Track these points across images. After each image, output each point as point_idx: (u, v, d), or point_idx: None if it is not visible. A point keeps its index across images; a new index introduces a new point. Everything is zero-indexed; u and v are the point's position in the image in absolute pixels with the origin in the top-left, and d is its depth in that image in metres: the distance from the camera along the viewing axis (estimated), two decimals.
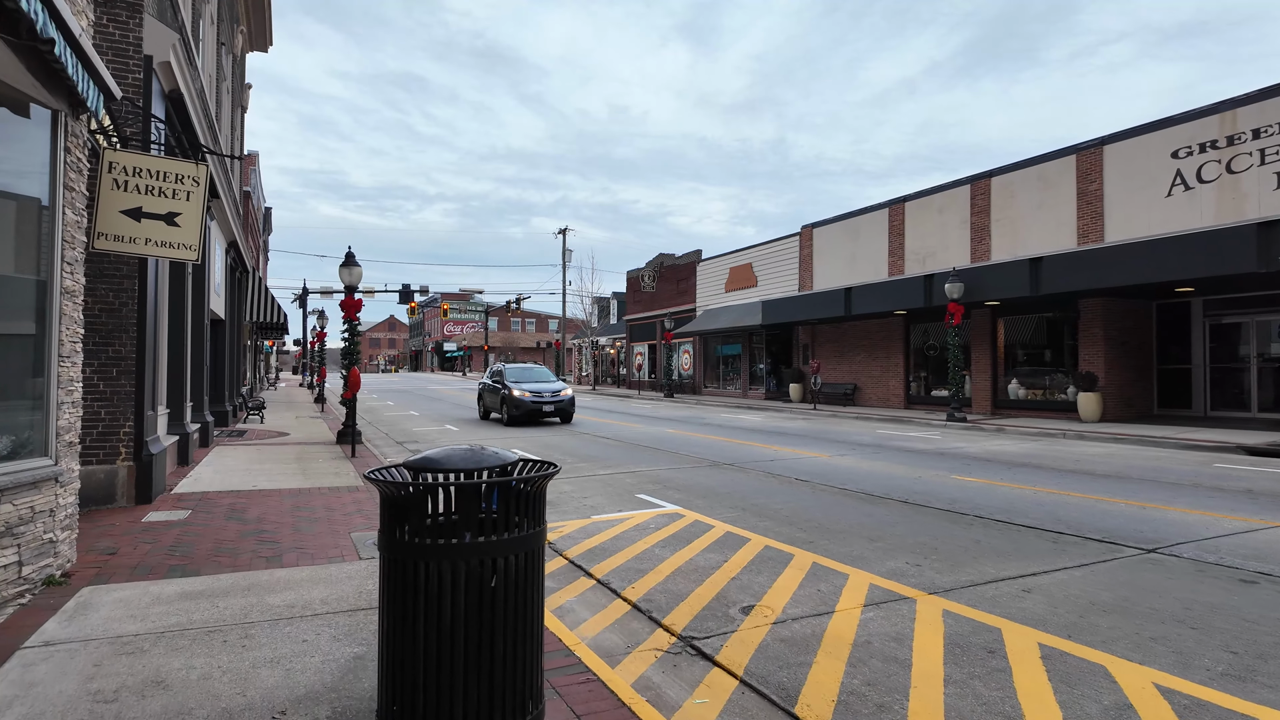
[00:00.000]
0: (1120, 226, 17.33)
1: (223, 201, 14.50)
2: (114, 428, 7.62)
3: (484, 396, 21.30)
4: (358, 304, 14.86)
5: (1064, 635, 4.18)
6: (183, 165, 6.92)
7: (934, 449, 13.33)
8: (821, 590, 5.05)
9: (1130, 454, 12.54)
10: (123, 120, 7.40)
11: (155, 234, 6.83)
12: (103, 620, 4.22)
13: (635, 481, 9.87)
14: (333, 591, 4.80)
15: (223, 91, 16.14)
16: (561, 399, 18.85)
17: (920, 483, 9.53)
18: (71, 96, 5.08)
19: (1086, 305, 18.20)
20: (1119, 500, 8.24)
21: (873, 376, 24.83)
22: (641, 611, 4.70)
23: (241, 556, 5.73)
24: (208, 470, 10.17)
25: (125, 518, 7.09)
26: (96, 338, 7.55)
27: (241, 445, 13.27)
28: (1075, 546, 6.18)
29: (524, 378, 20.26)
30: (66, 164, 5.12)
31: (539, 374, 21.21)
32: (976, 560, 5.79)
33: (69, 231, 5.17)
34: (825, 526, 7.06)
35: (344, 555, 5.77)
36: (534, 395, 18.55)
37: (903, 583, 5.22)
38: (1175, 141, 16.27)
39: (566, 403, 18.99)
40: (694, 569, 5.62)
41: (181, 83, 8.70)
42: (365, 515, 7.32)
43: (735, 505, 8.16)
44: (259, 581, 5.03)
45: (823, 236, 27.28)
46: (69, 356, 5.21)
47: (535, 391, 18.73)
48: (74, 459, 5.35)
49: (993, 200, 20.64)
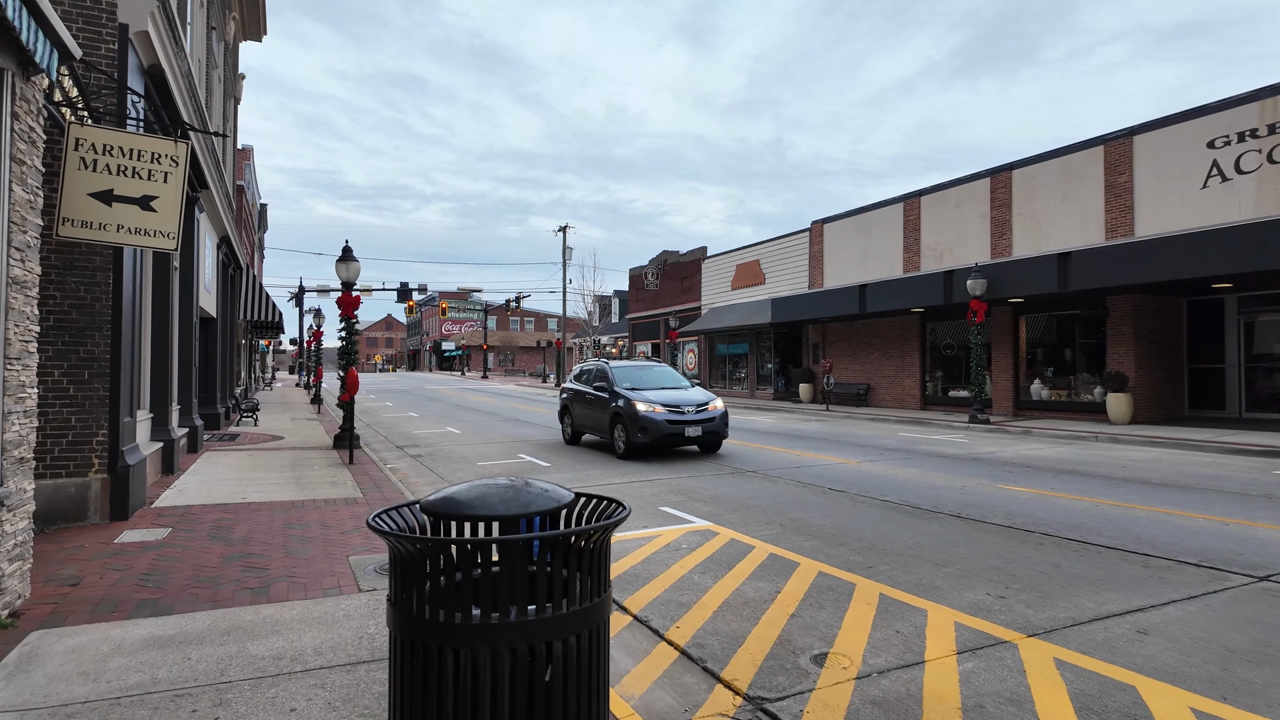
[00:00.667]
0: (1151, 220, 16.61)
1: (213, 193, 13.74)
2: (85, 436, 6.86)
3: (573, 409, 14.44)
4: (355, 301, 14.09)
5: (1216, 696, 3.45)
6: (160, 142, 6.17)
7: (965, 454, 12.60)
8: (901, 632, 4.31)
9: (1176, 459, 11.82)
10: (93, 94, 6.64)
11: (128, 220, 6.08)
12: (46, 680, 3.47)
13: (655, 491, 9.14)
14: (328, 637, 4.06)
15: (213, 79, 15.37)
16: (711, 416, 12.28)
17: (966, 493, 8.80)
18: (21, 54, 4.33)
19: (1116, 302, 17.48)
20: (1193, 514, 7.52)
21: (886, 376, 24.11)
22: (693, 660, 3.96)
23: (224, 587, 4.99)
24: (194, 480, 9.42)
25: (96, 538, 6.34)
26: (66, 336, 6.80)
27: (233, 450, 12.51)
28: (1171, 572, 5.45)
29: (643, 381, 13.45)
30: (15, 132, 4.37)
31: (662, 375, 14.04)
32: (1066, 590, 5.05)
33: (18, 212, 4.42)
34: (878, 547, 6.32)
35: (341, 586, 5.02)
36: (671, 410, 12.05)
37: (992, 620, 4.49)
38: (1211, 131, 15.55)
39: (718, 422, 12.33)
40: (743, 602, 4.89)
41: (163, 58, 7.94)
42: (364, 534, 6.58)
43: (771, 520, 7.43)
44: (241, 623, 4.29)
45: (833, 232, 26.54)
46: (18, 358, 4.46)
47: (672, 405, 12.17)
48: (27, 477, 4.60)
49: (1014, 193, 19.92)
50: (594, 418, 13.47)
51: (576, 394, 14.42)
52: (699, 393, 13.19)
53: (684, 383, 13.96)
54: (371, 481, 9.45)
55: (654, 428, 11.85)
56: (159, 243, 6.21)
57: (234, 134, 21.32)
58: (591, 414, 13.57)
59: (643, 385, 13.17)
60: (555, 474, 10.69)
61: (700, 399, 12.69)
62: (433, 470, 11.23)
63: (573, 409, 14.46)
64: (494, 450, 13.61)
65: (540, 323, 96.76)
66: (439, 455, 12.98)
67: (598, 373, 14.04)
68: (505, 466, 11.49)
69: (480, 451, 13.45)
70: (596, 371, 14.14)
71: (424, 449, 13.94)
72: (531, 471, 10.91)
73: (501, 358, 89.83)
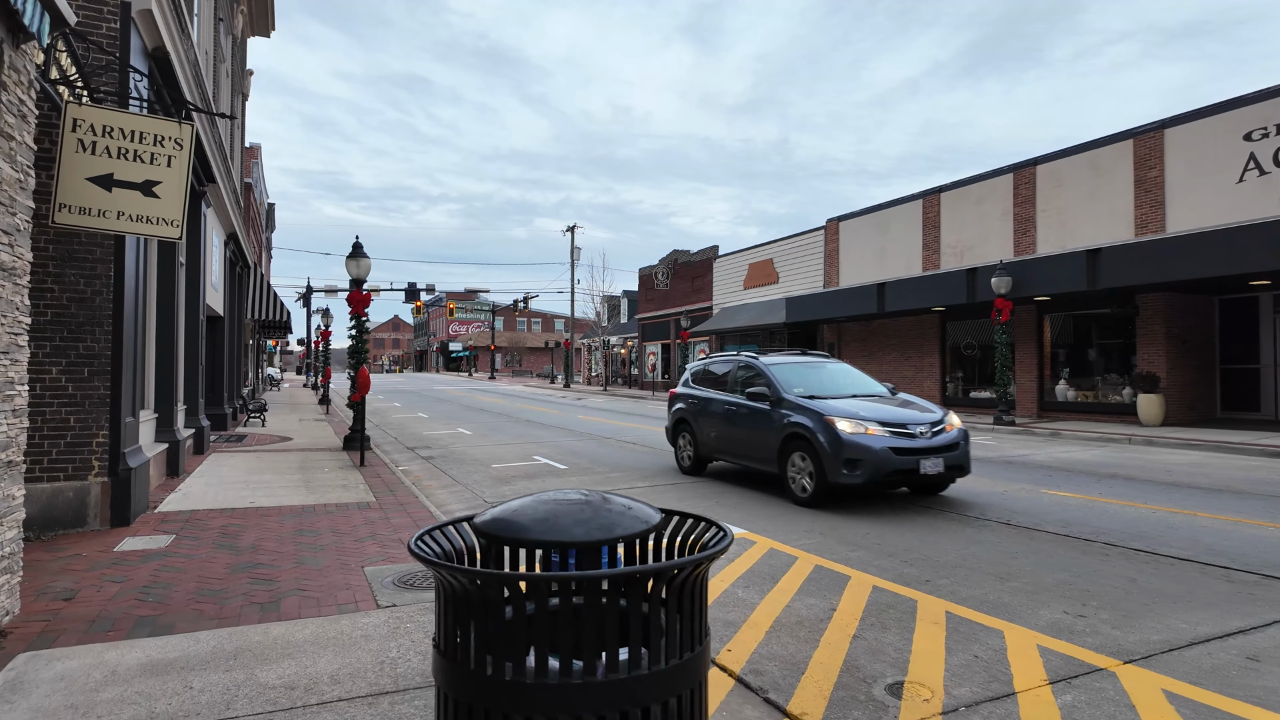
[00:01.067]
0: (1184, 216, 16.09)
1: (221, 189, 13.39)
2: (85, 437, 6.48)
3: (698, 426, 10.26)
4: (366, 298, 13.73)
5: None
6: (163, 124, 5.78)
7: (997, 456, 12.13)
8: (980, 657, 3.88)
9: (1220, 462, 11.32)
10: (93, 73, 6.26)
11: (130, 206, 5.69)
12: (31, 713, 3.07)
13: (680, 495, 8.70)
14: (345, 662, 3.65)
15: (221, 73, 15.03)
16: (952, 441, 8.01)
17: (1009, 498, 8.34)
18: (9, 18, 3.95)
19: (1147, 301, 16.97)
20: (1261, 522, 7.05)
21: (905, 377, 23.60)
22: (752, 690, 3.53)
23: (230, 602, 4.59)
24: (200, 483, 9.04)
25: (95, 545, 5.95)
26: (64, 331, 6.43)
27: (240, 452, 12.14)
28: (1261, 589, 4.99)
29: (820, 384, 9.19)
30: (3, 104, 3.98)
31: (841, 376, 9.70)
32: (1150, 609, 4.60)
33: (6, 192, 4.02)
34: (931, 558, 5.88)
35: (357, 601, 4.62)
36: (895, 432, 7.82)
37: (1078, 643, 4.04)
38: (1248, 123, 15.03)
39: (962, 449, 8.06)
40: (797, 621, 4.46)
41: (168, 40, 7.56)
42: (380, 542, 6.17)
43: (809, 528, 6.99)
44: (249, 643, 3.88)
45: (849, 230, 26.06)
46: (6, 352, 4.07)
47: (894, 425, 7.91)
48: (16, 482, 4.20)
49: (1038, 189, 19.41)
50: (744, 439, 9.20)
51: (702, 403, 10.18)
52: (919, 403, 8.76)
53: (876, 386, 9.46)
54: (384, 484, 9.06)
55: (871, 460, 7.49)
56: (162, 231, 5.83)
57: (241, 131, 21.00)
58: (739, 434, 9.30)
59: (824, 392, 8.86)
60: (574, 478, 10.28)
61: (931, 416, 8.17)
62: (446, 473, 10.84)
63: (698, 425, 10.16)
64: (508, 452, 13.20)
65: (548, 323, 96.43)
66: (451, 457, 12.59)
67: (742, 371, 9.73)
68: (522, 469, 11.09)
69: (494, 453, 13.05)
70: (740, 369, 9.82)
71: (436, 450, 13.55)
72: (547, 475, 10.50)
73: (509, 358, 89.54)
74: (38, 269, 6.21)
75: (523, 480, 10.03)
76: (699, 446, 10.23)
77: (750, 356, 9.99)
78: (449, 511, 8.03)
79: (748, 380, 9.57)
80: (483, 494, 9.01)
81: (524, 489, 9.28)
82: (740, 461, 9.49)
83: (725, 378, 10.11)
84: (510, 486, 9.53)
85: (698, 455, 10.28)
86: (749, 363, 9.78)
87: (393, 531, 6.54)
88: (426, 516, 7.27)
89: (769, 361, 9.59)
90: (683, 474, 10.45)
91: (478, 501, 8.59)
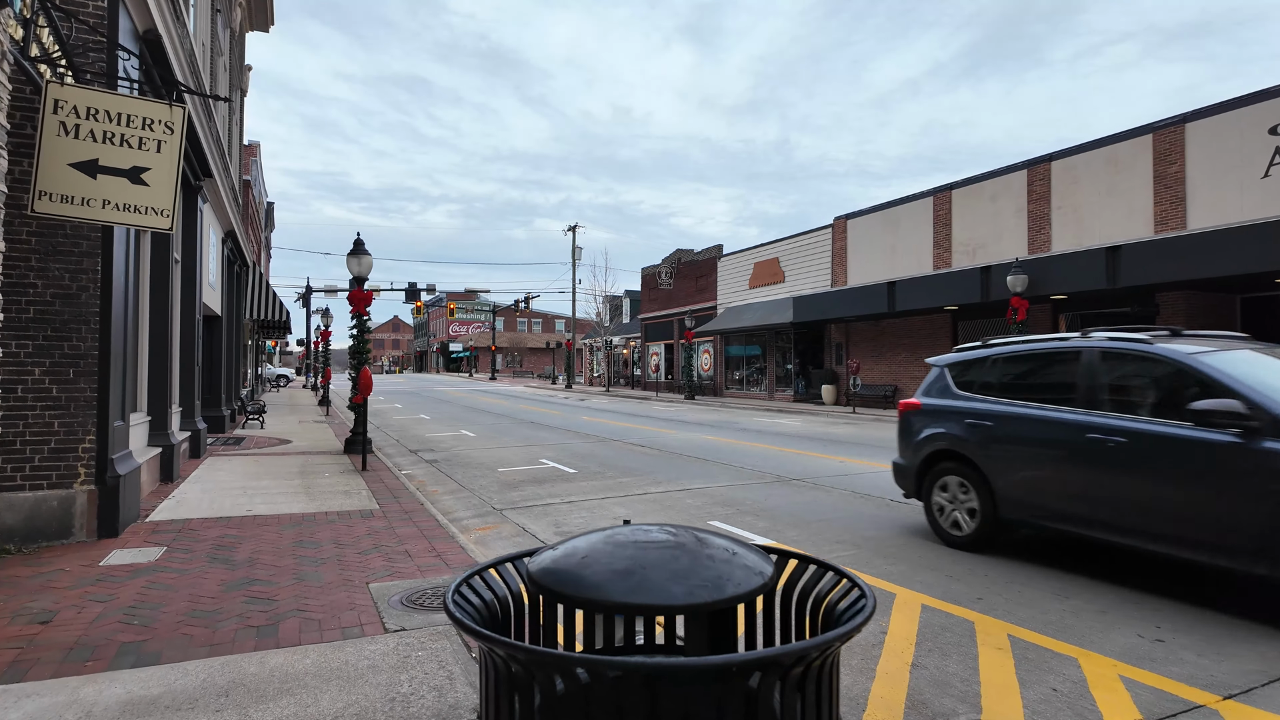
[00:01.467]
0: (1206, 212, 15.70)
1: (218, 184, 12.98)
2: (70, 443, 6.07)
3: (1001, 460, 5.97)
4: (367, 297, 13.32)
5: None
6: (152, 106, 5.38)
7: None
8: (1059, 690, 3.48)
9: None
10: (77, 51, 5.85)
11: (116, 194, 5.29)
12: None
13: (700, 504, 8.30)
14: (352, 699, 3.24)
15: (219, 66, 14.63)
16: None
17: None
18: None
19: (1168, 299, 16.58)
20: None
21: (915, 377, 23.19)
22: None
23: (223, 625, 4.18)
24: (195, 489, 8.63)
25: (80, 559, 5.54)
26: (48, 330, 6.01)
27: (238, 455, 11.73)
28: None
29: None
30: None
31: None
32: (1234, 636, 4.20)
33: None
34: (978, 571, 5.48)
35: (362, 624, 4.21)
36: None
37: (1166, 674, 3.64)
38: (1274, 116, 14.64)
39: None
40: (846, 648, 4.05)
41: (159, 21, 7.15)
42: (384, 554, 5.77)
43: (843, 539, 6.59)
44: (244, 676, 3.47)
45: (857, 229, 25.66)
46: None
47: None
48: None
49: (1053, 186, 19.02)
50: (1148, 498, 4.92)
51: (1004, 423, 6.10)
52: None
53: None
54: (387, 490, 8.65)
55: None
56: (152, 221, 5.42)
57: (240, 127, 20.59)
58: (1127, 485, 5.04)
59: None
60: (585, 483, 9.87)
61: None
62: (451, 477, 10.43)
63: (994, 464, 6.06)
64: (513, 455, 12.79)
65: (548, 324, 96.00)
66: (456, 460, 12.18)
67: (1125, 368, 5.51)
68: (529, 473, 10.68)
69: (499, 456, 12.64)
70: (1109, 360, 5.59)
71: (439, 453, 13.14)
72: (557, 480, 10.09)
73: (509, 359, 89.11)
74: (18, 262, 5.81)
75: (531, 485, 9.62)
76: (1000, 503, 5.93)
77: (1138, 344, 5.43)
78: (456, 519, 7.62)
79: (1144, 385, 5.33)
80: (491, 500, 8.60)
81: (533, 494, 8.87)
82: (1121, 537, 5.06)
83: (1056, 380, 5.92)
84: (519, 492, 9.13)
85: (995, 516, 5.97)
86: (1149, 352, 5.30)
87: (398, 542, 6.13)
88: (433, 525, 6.86)
89: (1220, 361, 4.97)
90: (943, 544, 6.36)
91: (486, 508, 8.19)
